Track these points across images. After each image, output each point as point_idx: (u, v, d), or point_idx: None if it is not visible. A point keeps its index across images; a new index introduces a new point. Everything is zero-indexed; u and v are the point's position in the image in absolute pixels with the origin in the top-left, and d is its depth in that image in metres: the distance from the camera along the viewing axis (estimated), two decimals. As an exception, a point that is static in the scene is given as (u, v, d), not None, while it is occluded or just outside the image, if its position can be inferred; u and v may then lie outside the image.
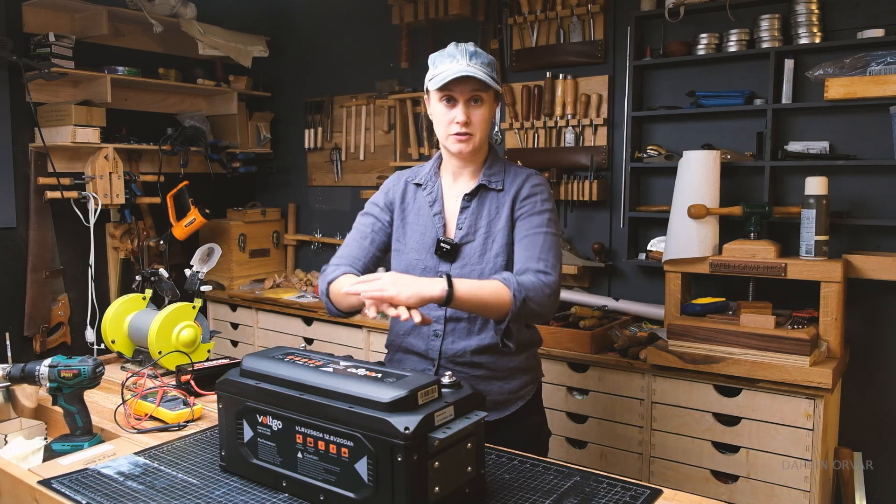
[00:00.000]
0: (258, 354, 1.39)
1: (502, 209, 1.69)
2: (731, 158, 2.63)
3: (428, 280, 1.50)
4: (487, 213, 1.70)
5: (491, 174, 1.71)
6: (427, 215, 1.74)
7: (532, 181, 1.71)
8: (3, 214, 3.13)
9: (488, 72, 1.62)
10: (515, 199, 1.69)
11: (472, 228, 1.70)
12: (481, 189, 1.71)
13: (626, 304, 2.90)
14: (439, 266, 1.70)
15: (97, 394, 1.90)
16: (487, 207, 1.70)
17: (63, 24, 3.23)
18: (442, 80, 1.60)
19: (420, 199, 1.77)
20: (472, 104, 1.65)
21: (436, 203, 1.74)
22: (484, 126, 1.67)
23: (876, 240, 2.51)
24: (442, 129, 1.68)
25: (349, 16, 3.81)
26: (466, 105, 1.64)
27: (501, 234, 1.68)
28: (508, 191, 1.70)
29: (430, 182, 1.77)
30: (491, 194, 1.71)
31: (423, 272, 1.70)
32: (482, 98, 1.65)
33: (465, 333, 1.69)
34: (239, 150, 3.89)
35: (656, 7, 2.80)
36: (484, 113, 1.66)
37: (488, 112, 1.67)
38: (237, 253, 3.85)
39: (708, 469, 2.36)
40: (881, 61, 2.34)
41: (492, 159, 1.74)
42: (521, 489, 1.30)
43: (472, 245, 1.69)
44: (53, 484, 1.34)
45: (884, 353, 2.52)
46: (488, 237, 1.69)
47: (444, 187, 1.77)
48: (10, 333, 2.46)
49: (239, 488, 1.31)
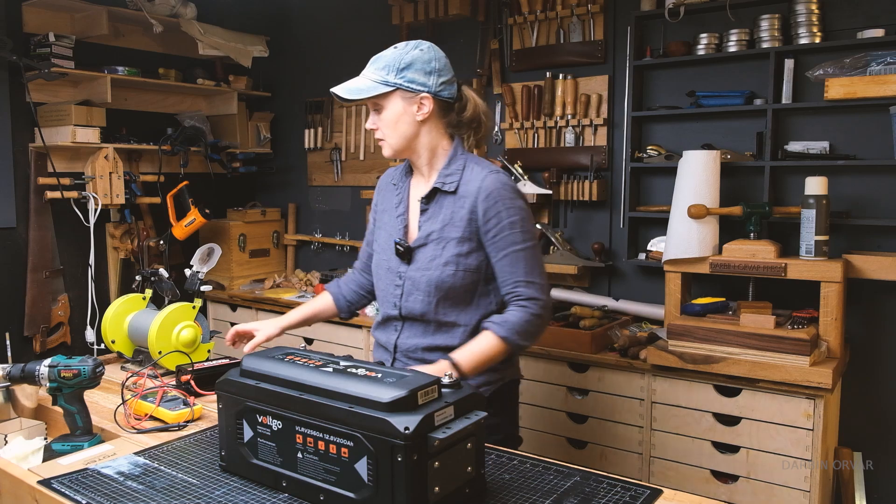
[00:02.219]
0: (258, 354, 1.39)
1: (457, 217, 1.66)
2: (731, 158, 2.63)
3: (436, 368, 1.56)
4: (442, 218, 1.68)
5: (447, 175, 1.69)
6: (393, 216, 1.78)
7: (488, 186, 1.63)
8: (3, 214, 3.13)
9: (379, 77, 1.64)
10: (475, 210, 1.64)
11: (427, 233, 1.69)
12: (437, 192, 1.70)
13: (626, 304, 2.90)
14: (399, 267, 1.73)
15: (97, 394, 1.90)
16: (444, 212, 1.68)
17: (63, 24, 3.23)
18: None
19: (391, 200, 1.82)
20: (374, 112, 1.69)
21: (401, 204, 1.77)
22: (392, 129, 1.67)
23: (876, 240, 2.51)
24: None
25: (349, 16, 3.81)
26: (372, 112, 1.70)
27: (453, 244, 1.66)
28: (464, 195, 1.66)
29: (400, 182, 1.80)
30: (448, 198, 1.68)
31: (387, 272, 1.76)
32: (379, 104, 1.67)
33: (420, 332, 1.73)
34: (239, 150, 3.89)
35: (656, 7, 2.80)
36: (387, 117, 1.67)
37: (392, 115, 1.66)
38: (237, 253, 3.85)
39: (708, 469, 2.36)
40: (881, 61, 2.34)
41: (451, 158, 1.71)
42: (521, 489, 1.30)
43: (425, 249, 1.69)
44: (53, 484, 1.34)
45: (884, 353, 2.52)
46: (439, 243, 1.67)
47: (411, 188, 1.79)
48: (10, 333, 2.47)
49: (239, 488, 1.31)
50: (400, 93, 1.65)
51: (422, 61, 1.65)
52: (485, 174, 1.66)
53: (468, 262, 1.66)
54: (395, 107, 1.66)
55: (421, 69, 1.64)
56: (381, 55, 1.68)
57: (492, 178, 1.65)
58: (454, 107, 1.72)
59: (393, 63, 1.64)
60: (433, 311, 1.69)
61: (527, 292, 1.62)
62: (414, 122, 1.68)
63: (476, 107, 1.74)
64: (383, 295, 1.78)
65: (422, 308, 1.69)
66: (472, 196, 1.64)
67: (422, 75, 1.64)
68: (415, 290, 1.69)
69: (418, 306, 1.69)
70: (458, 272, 1.66)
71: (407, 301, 1.71)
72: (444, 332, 1.70)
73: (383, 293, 1.78)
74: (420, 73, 1.64)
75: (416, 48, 1.67)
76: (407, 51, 1.65)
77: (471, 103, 1.73)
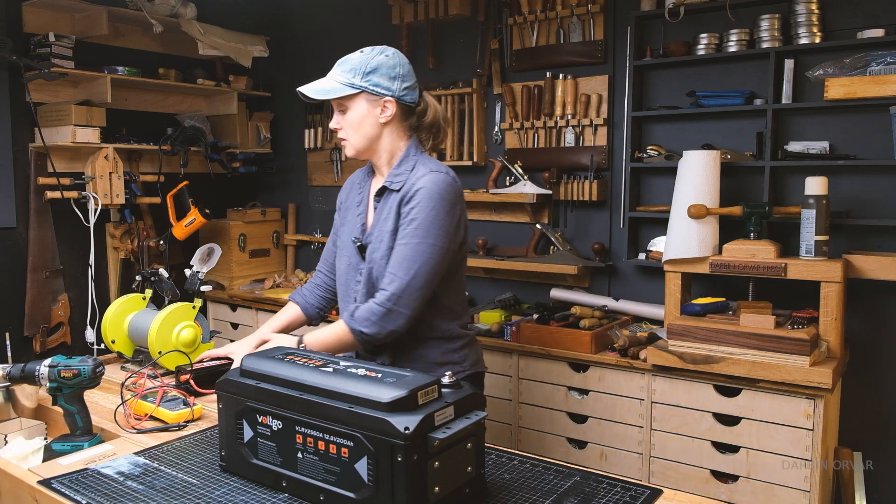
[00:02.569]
0: (258, 354, 1.40)
1: (392, 210, 1.73)
2: (731, 158, 2.63)
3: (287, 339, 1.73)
4: (385, 213, 1.75)
5: (396, 174, 1.75)
6: (354, 214, 1.86)
7: (420, 183, 1.68)
8: (3, 214, 3.13)
9: (346, 79, 1.70)
10: (402, 203, 1.71)
11: (374, 228, 1.77)
12: (385, 190, 1.76)
13: (626, 304, 2.90)
14: (360, 264, 1.80)
15: (97, 394, 1.90)
16: (387, 209, 1.75)
17: (63, 24, 3.22)
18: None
19: (354, 198, 1.89)
20: (339, 112, 1.76)
21: (361, 203, 1.84)
22: (356, 130, 1.74)
23: (876, 240, 2.51)
24: None
25: (349, 16, 3.81)
26: (337, 113, 1.76)
27: (387, 237, 1.72)
28: (402, 191, 1.72)
29: (363, 182, 1.88)
30: (393, 195, 1.74)
31: (347, 268, 1.83)
32: (344, 105, 1.74)
33: None
34: (239, 150, 3.89)
35: (656, 7, 2.80)
36: (351, 118, 1.74)
37: (356, 116, 1.73)
38: (237, 253, 3.85)
39: (708, 469, 2.36)
40: (881, 61, 2.34)
41: (404, 158, 1.77)
42: (521, 489, 1.30)
43: (372, 245, 1.76)
44: (53, 484, 1.34)
45: (884, 353, 2.52)
46: (378, 238, 1.74)
47: (371, 187, 1.86)
48: (10, 333, 2.46)
49: (239, 488, 1.31)
50: (365, 95, 1.72)
51: (387, 66, 1.72)
52: (425, 172, 1.71)
53: None
54: (359, 108, 1.73)
55: (386, 74, 1.71)
56: (347, 58, 1.74)
57: (428, 178, 1.69)
58: (415, 111, 1.79)
59: (359, 66, 1.71)
60: None
61: (384, 283, 1.68)
62: (377, 123, 1.75)
63: (436, 112, 1.82)
64: (344, 290, 1.84)
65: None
66: (405, 192, 1.71)
67: (386, 80, 1.71)
68: (368, 284, 1.76)
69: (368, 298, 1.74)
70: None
71: (361, 295, 1.77)
72: None
73: (344, 288, 1.84)
74: (385, 78, 1.71)
75: (382, 54, 1.73)
76: (373, 55, 1.72)
77: (431, 108, 1.81)
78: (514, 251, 3.22)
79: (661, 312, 2.71)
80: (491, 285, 3.35)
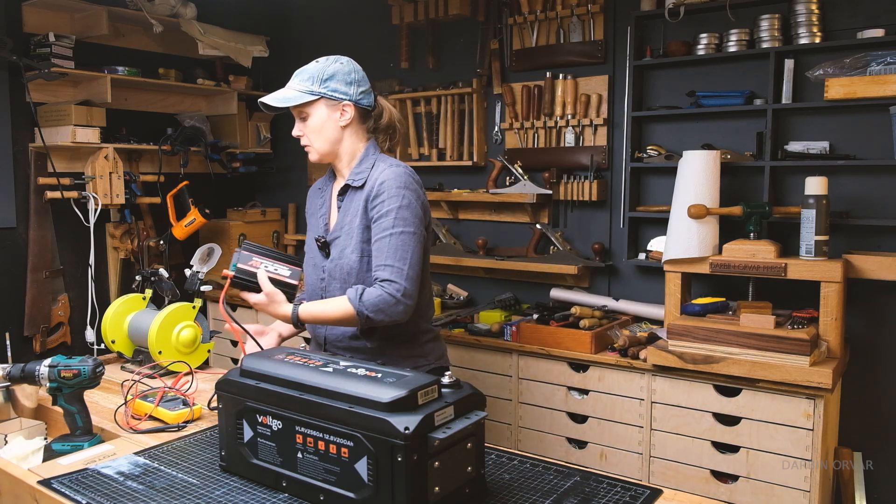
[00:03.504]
0: (258, 354, 1.40)
1: (360, 207, 1.78)
2: (731, 158, 2.63)
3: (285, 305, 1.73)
4: (352, 211, 1.81)
5: (357, 173, 1.82)
6: (317, 216, 1.92)
7: (382, 177, 1.75)
8: (3, 214, 3.13)
9: (304, 87, 1.77)
10: (368, 198, 1.77)
11: (339, 226, 1.82)
12: (348, 188, 1.83)
13: (626, 304, 2.90)
14: (323, 262, 1.85)
15: (97, 394, 1.90)
16: (352, 206, 1.81)
17: (63, 24, 3.22)
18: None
19: (316, 203, 1.95)
20: (300, 119, 1.82)
21: (323, 206, 1.91)
22: (318, 134, 1.81)
23: (876, 240, 2.51)
24: None
25: (349, 16, 3.81)
26: (298, 121, 1.82)
27: (357, 232, 1.77)
28: (365, 188, 1.79)
29: (325, 187, 1.94)
30: (357, 192, 1.80)
31: (313, 269, 1.88)
32: (304, 112, 1.80)
33: None
34: (239, 150, 3.89)
35: (656, 7, 2.80)
36: (312, 124, 1.80)
37: (317, 121, 1.79)
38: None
39: (708, 469, 2.36)
40: (881, 61, 2.34)
41: (363, 158, 1.83)
42: (521, 489, 1.30)
43: (339, 241, 1.81)
44: (53, 484, 1.34)
45: (884, 353, 2.52)
46: (349, 234, 1.79)
47: (333, 190, 1.92)
48: (10, 333, 2.46)
49: (239, 488, 1.31)
50: (324, 101, 1.79)
51: (343, 73, 1.80)
52: (385, 167, 1.79)
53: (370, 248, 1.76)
54: (319, 114, 1.79)
55: (342, 80, 1.79)
56: (304, 68, 1.81)
57: (389, 171, 1.77)
58: (372, 114, 1.87)
59: (316, 75, 1.78)
60: None
61: (383, 275, 1.69)
62: (337, 127, 1.81)
63: (391, 114, 1.91)
64: (311, 290, 1.89)
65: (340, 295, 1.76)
66: (369, 188, 1.77)
67: (343, 85, 1.79)
68: (332, 280, 1.81)
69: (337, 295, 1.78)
70: (363, 258, 1.77)
71: (327, 292, 1.82)
72: None
73: (311, 288, 1.89)
74: (342, 84, 1.79)
75: (337, 62, 1.81)
76: (328, 64, 1.80)
77: (386, 111, 1.90)
78: (514, 251, 3.22)
79: (661, 312, 2.71)
80: (491, 285, 3.35)
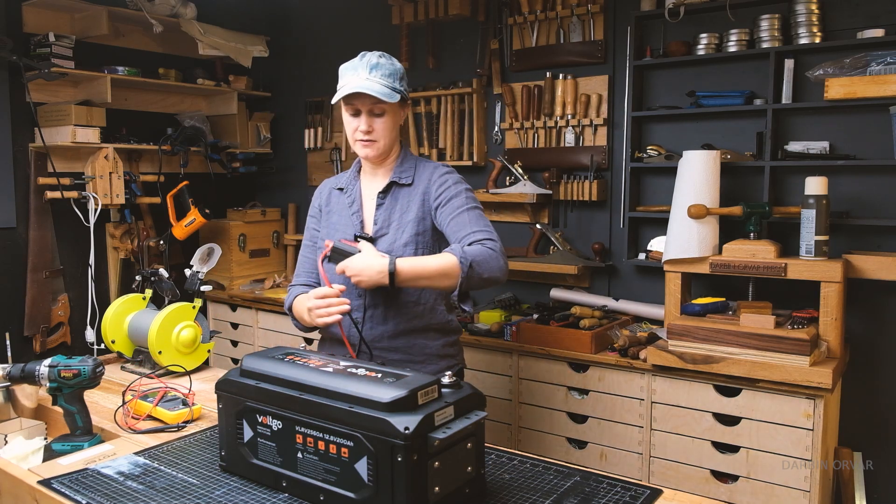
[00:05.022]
0: (258, 354, 1.40)
1: (412, 202, 1.82)
2: (731, 158, 2.63)
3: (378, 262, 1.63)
4: (400, 207, 1.83)
5: (401, 171, 1.85)
6: (346, 215, 1.89)
7: (439, 171, 1.84)
8: (3, 214, 3.13)
9: (389, 83, 1.74)
10: (427, 192, 1.81)
11: (386, 222, 1.83)
12: (393, 186, 1.85)
13: (626, 304, 2.90)
14: None
15: (97, 394, 1.90)
16: (400, 202, 1.84)
17: (63, 24, 3.22)
18: (340, 95, 1.75)
19: (341, 202, 1.92)
20: (374, 115, 1.78)
21: (354, 203, 1.89)
22: (387, 133, 1.80)
23: (876, 240, 2.51)
24: (350, 136, 1.83)
25: (349, 16, 3.81)
26: (369, 115, 1.78)
27: (411, 226, 1.80)
28: (417, 185, 1.83)
29: (350, 185, 1.92)
30: (403, 190, 1.84)
31: None
32: (383, 109, 1.77)
33: (381, 319, 1.82)
34: (239, 150, 3.89)
35: (656, 7, 2.80)
36: (387, 121, 1.79)
37: (391, 120, 1.80)
38: (237, 253, 3.85)
39: (708, 469, 2.36)
40: (881, 61, 2.34)
41: (403, 158, 1.88)
42: (521, 489, 1.30)
43: (386, 237, 1.82)
44: (53, 484, 1.34)
45: (884, 353, 2.52)
46: (399, 229, 1.81)
47: (362, 189, 1.91)
48: (10, 333, 2.46)
49: (239, 488, 1.31)
50: (401, 100, 1.79)
51: (402, 72, 1.82)
52: (436, 166, 1.87)
53: (424, 240, 1.81)
54: (395, 112, 1.80)
55: (405, 79, 1.82)
56: (377, 63, 1.76)
57: (442, 168, 1.86)
58: None
59: (395, 72, 1.78)
60: (398, 292, 1.79)
61: (479, 236, 1.71)
62: (399, 126, 1.85)
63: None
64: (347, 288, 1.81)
65: (388, 290, 1.76)
66: (425, 182, 1.83)
67: (406, 85, 1.82)
68: None
69: (384, 289, 1.75)
70: (417, 251, 1.79)
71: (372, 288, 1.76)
72: (405, 314, 1.81)
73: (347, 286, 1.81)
74: (405, 84, 1.82)
75: (395, 60, 1.80)
76: (394, 62, 1.80)
77: None
78: (513, 251, 3.22)
79: (661, 312, 2.71)
80: (491, 285, 3.35)
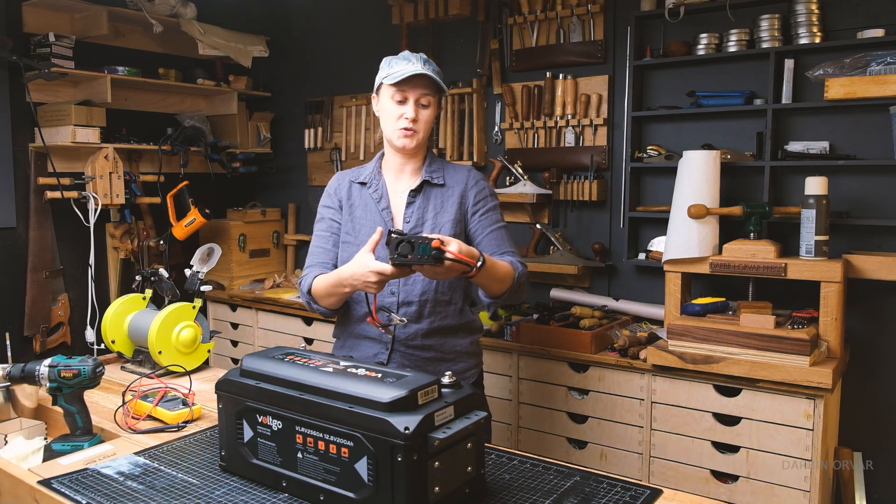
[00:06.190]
0: (258, 354, 1.40)
1: (448, 203, 1.86)
2: (731, 158, 2.63)
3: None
4: (433, 206, 1.87)
5: (432, 171, 1.89)
6: (374, 210, 1.89)
7: (473, 176, 1.91)
8: (3, 214, 3.13)
9: (439, 78, 1.81)
10: (465, 196, 1.87)
11: (419, 221, 1.86)
12: (425, 185, 1.88)
13: (626, 304, 2.90)
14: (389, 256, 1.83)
15: (97, 394, 1.90)
16: (433, 202, 1.87)
17: (63, 24, 3.23)
18: (398, 77, 1.77)
19: (365, 197, 1.91)
20: (420, 105, 1.81)
21: (382, 199, 1.89)
22: (427, 126, 1.85)
23: (876, 240, 2.51)
24: (390, 125, 1.83)
25: (349, 16, 3.81)
26: (416, 104, 1.81)
27: (448, 226, 1.84)
28: (452, 186, 1.88)
29: (375, 180, 1.92)
30: (435, 190, 1.88)
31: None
32: (430, 101, 1.82)
33: (416, 317, 1.84)
34: (239, 150, 3.89)
35: (656, 7, 2.80)
36: (429, 114, 1.84)
37: (432, 115, 1.85)
38: (237, 253, 3.85)
39: (708, 469, 2.36)
40: (881, 61, 2.34)
41: (430, 158, 1.92)
42: (521, 489, 1.30)
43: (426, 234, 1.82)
44: (53, 484, 1.34)
45: (884, 353, 2.52)
46: (434, 228, 1.84)
47: (387, 185, 1.91)
48: (10, 333, 2.46)
49: (239, 488, 1.31)
50: (439, 101, 1.87)
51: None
52: (467, 169, 1.93)
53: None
54: (436, 110, 1.86)
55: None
56: (429, 60, 1.83)
57: (474, 173, 1.93)
58: None
59: (440, 73, 1.84)
60: (433, 290, 1.83)
61: (512, 258, 1.83)
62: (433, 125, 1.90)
63: None
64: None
65: (423, 288, 1.83)
66: (461, 185, 1.88)
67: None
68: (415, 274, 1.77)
69: (418, 287, 1.82)
70: None
71: (406, 285, 1.83)
72: (438, 314, 1.85)
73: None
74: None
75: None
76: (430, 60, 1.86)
77: None
78: (514, 251, 3.22)
79: (661, 312, 2.71)
80: (491, 285, 3.35)
